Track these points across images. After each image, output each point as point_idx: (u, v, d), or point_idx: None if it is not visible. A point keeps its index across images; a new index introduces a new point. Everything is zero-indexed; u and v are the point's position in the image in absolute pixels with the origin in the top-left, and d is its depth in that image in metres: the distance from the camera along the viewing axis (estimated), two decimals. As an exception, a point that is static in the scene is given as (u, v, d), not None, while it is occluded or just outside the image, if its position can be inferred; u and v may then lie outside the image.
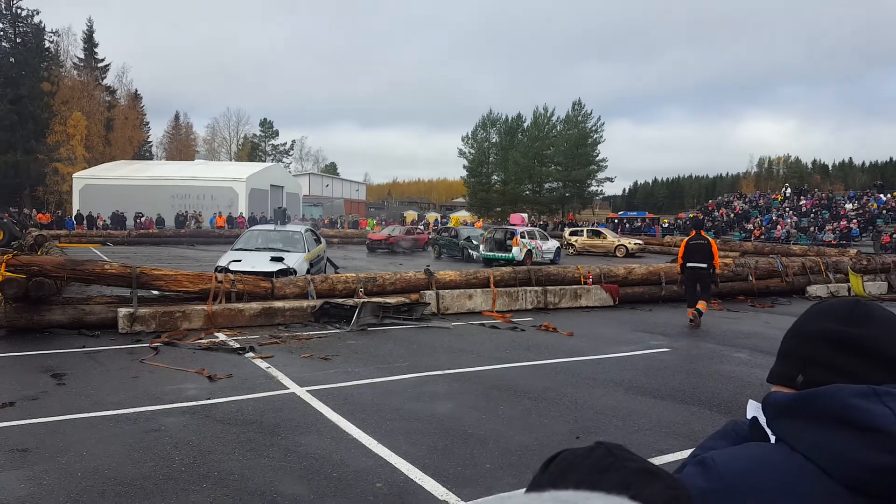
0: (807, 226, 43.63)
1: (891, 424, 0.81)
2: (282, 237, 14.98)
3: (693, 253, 11.51)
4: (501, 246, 24.35)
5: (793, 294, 16.42)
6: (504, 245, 24.29)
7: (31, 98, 58.66)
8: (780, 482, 0.87)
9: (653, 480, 0.68)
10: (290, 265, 12.85)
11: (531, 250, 23.57)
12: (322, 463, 4.71)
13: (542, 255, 24.10)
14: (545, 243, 25.12)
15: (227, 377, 7.10)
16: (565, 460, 0.77)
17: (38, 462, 4.63)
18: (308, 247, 14.66)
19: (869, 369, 0.94)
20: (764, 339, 10.18)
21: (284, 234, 15.34)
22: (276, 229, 15.88)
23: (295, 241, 14.67)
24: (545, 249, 24.72)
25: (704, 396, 6.77)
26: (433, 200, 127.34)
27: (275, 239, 14.81)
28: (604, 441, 0.77)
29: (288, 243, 14.48)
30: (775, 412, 0.98)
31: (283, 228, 16.15)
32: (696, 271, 11.44)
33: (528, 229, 25.76)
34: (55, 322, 9.49)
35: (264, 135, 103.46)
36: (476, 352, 8.80)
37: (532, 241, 24.12)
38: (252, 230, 16.46)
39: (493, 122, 78.03)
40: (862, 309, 1.02)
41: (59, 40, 65.46)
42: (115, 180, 53.37)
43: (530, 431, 5.51)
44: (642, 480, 0.68)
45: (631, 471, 0.70)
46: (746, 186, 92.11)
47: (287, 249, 13.97)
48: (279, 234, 15.22)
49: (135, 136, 72.92)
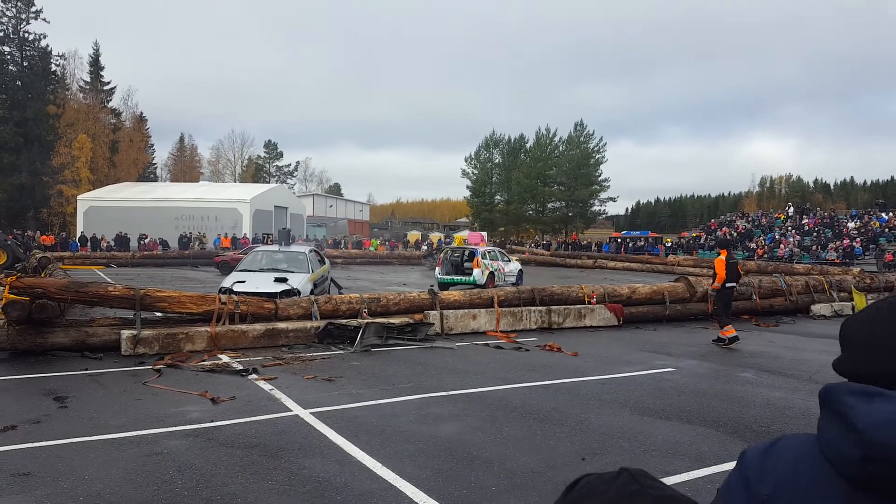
0: (809, 244, 43.57)
1: (863, 422, 0.86)
2: (286, 258, 15.05)
3: (733, 273, 11.49)
4: (459, 268, 21.91)
5: (797, 313, 16.36)
6: (462, 267, 21.83)
7: (37, 120, 59.10)
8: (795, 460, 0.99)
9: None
10: (294, 286, 12.90)
11: (493, 272, 20.82)
12: (326, 486, 4.66)
13: (504, 279, 21.31)
14: (507, 265, 22.55)
15: (230, 399, 7.06)
16: (588, 485, 0.75)
17: (39, 486, 4.59)
18: (312, 267, 14.77)
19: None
20: (768, 359, 10.11)
21: (289, 254, 15.39)
22: (280, 250, 15.95)
23: (299, 262, 14.79)
24: (507, 272, 22.03)
25: (711, 417, 6.71)
26: (437, 220, 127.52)
27: (279, 260, 14.95)
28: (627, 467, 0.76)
29: (292, 264, 14.61)
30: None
31: (287, 249, 16.14)
32: (733, 290, 11.49)
33: (489, 249, 22.95)
34: (58, 344, 9.47)
35: (269, 156, 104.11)
36: (480, 372, 8.75)
37: (494, 262, 21.46)
38: (256, 251, 16.57)
39: (495, 142, 78.49)
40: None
41: (65, 63, 66.15)
42: (120, 202, 53.65)
43: (536, 453, 5.46)
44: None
45: (654, 498, 0.69)
46: (749, 205, 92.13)
47: (291, 270, 14.08)
48: (283, 255, 15.29)
49: (140, 159, 73.38)
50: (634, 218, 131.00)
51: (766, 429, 6.30)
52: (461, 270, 21.61)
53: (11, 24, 60.60)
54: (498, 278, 20.89)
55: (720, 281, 11.51)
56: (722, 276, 11.45)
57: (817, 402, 1.00)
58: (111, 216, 50.55)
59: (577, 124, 72.68)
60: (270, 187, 68.41)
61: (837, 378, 1.03)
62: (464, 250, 22.70)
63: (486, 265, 20.65)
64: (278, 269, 14.17)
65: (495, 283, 19.99)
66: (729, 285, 11.49)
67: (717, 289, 11.61)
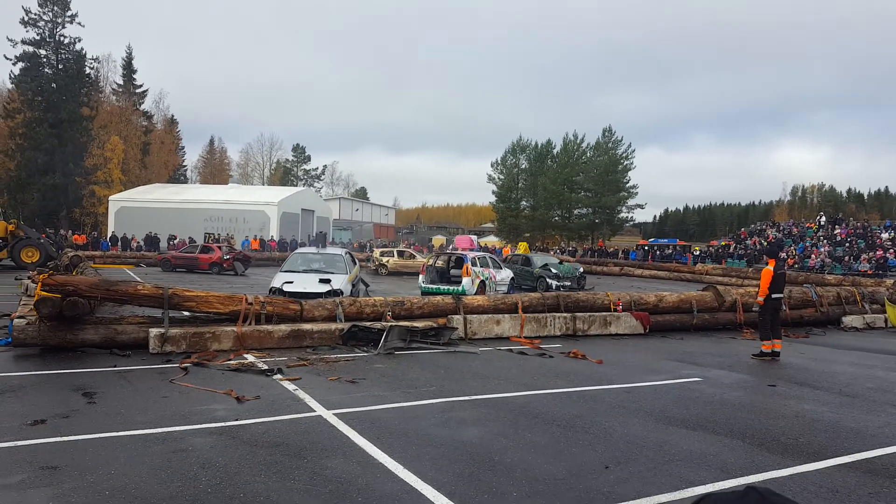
0: (841, 255, 42.73)
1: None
2: (325, 259, 15.93)
3: (779, 283, 11.13)
4: (445, 276, 20.07)
5: (827, 324, 16.05)
6: (448, 276, 20.08)
7: (71, 122, 60.34)
8: None
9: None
10: (337, 286, 13.60)
11: (484, 281, 18.86)
12: (348, 487, 4.67)
13: (495, 288, 19.46)
14: (499, 272, 20.45)
15: (254, 398, 7.11)
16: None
17: (67, 479, 4.66)
18: (349, 268, 15.47)
19: None
20: (798, 371, 9.92)
21: (327, 256, 16.26)
22: (318, 252, 16.80)
23: (338, 264, 15.54)
24: (499, 280, 20.13)
25: (737, 428, 6.60)
26: (462, 225, 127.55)
27: (319, 261, 15.76)
28: (756, 486, 0.74)
29: (331, 265, 15.48)
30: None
31: (326, 251, 17.13)
32: (778, 302, 11.15)
33: (480, 255, 20.76)
34: (88, 341, 9.63)
35: (296, 160, 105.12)
36: (504, 378, 8.71)
37: (485, 269, 19.41)
38: (296, 253, 17.52)
39: (522, 148, 78.32)
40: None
41: (99, 67, 67.59)
42: (150, 203, 54.54)
43: (559, 460, 5.41)
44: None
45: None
46: (780, 215, 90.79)
47: (331, 271, 14.85)
48: (322, 257, 16.16)
49: (170, 161, 74.63)
50: (662, 225, 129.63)
51: (794, 441, 6.18)
52: (448, 279, 19.87)
53: (48, 27, 62.00)
54: (489, 287, 19.07)
55: (762, 294, 11.05)
56: (764, 289, 11.05)
57: (847, 414, 0.97)
58: (142, 217, 51.43)
59: (605, 130, 72.18)
60: (298, 190, 69.01)
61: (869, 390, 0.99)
62: (451, 256, 20.85)
63: (477, 273, 18.70)
64: (320, 270, 14.98)
65: (486, 293, 18.04)
66: (775, 297, 11.06)
67: (762, 303, 11.10)
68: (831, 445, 6.09)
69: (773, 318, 11.06)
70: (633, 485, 4.88)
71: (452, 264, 20.41)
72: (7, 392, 7.16)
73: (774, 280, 11.04)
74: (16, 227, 29.54)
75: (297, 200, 60.92)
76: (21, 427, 5.86)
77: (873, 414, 7.35)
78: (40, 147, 58.39)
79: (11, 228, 29.28)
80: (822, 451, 5.87)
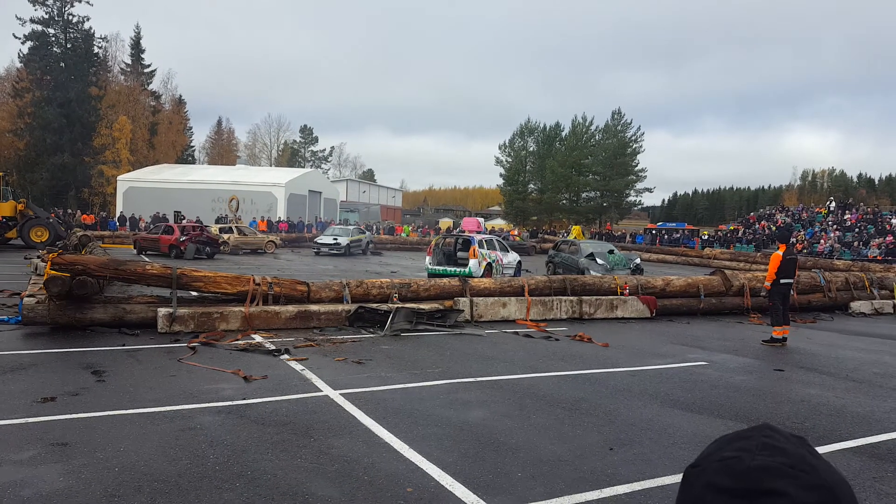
0: (851, 241, 42.50)
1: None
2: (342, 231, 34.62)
3: (788, 269, 10.99)
4: (452, 258, 20.03)
5: (835, 310, 16.01)
6: (455, 257, 20.01)
7: (80, 102, 60.40)
8: None
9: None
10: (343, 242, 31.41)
11: (491, 263, 18.89)
12: (353, 466, 4.71)
13: (502, 270, 19.47)
14: (506, 255, 20.41)
15: (262, 378, 7.17)
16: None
17: (76, 456, 4.72)
18: (355, 234, 34.33)
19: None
20: (805, 356, 9.91)
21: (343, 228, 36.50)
22: (339, 226, 37.83)
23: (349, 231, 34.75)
24: (506, 263, 20.07)
25: (743, 412, 6.61)
26: (469, 208, 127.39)
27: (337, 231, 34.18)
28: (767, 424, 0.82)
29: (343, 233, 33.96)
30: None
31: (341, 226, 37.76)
32: (788, 288, 11.05)
33: (487, 237, 20.51)
34: (97, 320, 9.71)
35: (304, 141, 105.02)
36: (509, 360, 8.74)
37: (492, 251, 19.36)
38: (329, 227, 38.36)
39: (530, 130, 77.85)
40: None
41: (107, 46, 67.42)
42: (158, 183, 54.58)
43: (563, 441, 5.44)
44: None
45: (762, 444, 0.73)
46: (789, 199, 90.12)
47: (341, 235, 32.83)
48: (339, 229, 35.66)
49: (178, 141, 74.62)
50: (671, 209, 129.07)
51: (800, 425, 6.19)
52: (455, 261, 19.87)
53: (56, 6, 61.89)
54: (496, 270, 19.11)
55: (769, 279, 11.00)
56: (771, 273, 10.97)
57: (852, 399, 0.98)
58: (149, 197, 51.51)
59: (614, 113, 71.77)
60: (305, 172, 68.94)
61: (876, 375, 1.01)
62: (457, 238, 20.63)
63: (484, 255, 18.69)
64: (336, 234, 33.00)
65: (493, 276, 18.09)
66: (784, 282, 10.94)
67: (768, 288, 11.05)
68: (836, 430, 6.10)
69: (783, 304, 11.01)
70: (637, 466, 4.91)
71: (459, 246, 20.27)
72: (18, 370, 7.24)
73: (783, 265, 10.93)
74: (25, 207, 29.71)
75: (304, 182, 60.87)
76: (32, 404, 5.94)
77: (879, 399, 7.34)
78: (49, 127, 58.51)
79: (21, 208, 29.46)
80: (827, 436, 5.88)
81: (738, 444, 0.79)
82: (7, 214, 28.87)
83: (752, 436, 0.80)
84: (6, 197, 29.58)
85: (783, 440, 0.78)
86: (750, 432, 0.82)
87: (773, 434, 0.80)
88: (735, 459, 0.75)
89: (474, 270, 17.89)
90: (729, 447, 0.79)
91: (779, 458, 0.74)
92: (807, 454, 0.76)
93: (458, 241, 20.57)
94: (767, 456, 0.75)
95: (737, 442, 0.80)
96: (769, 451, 0.75)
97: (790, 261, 11.04)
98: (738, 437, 0.81)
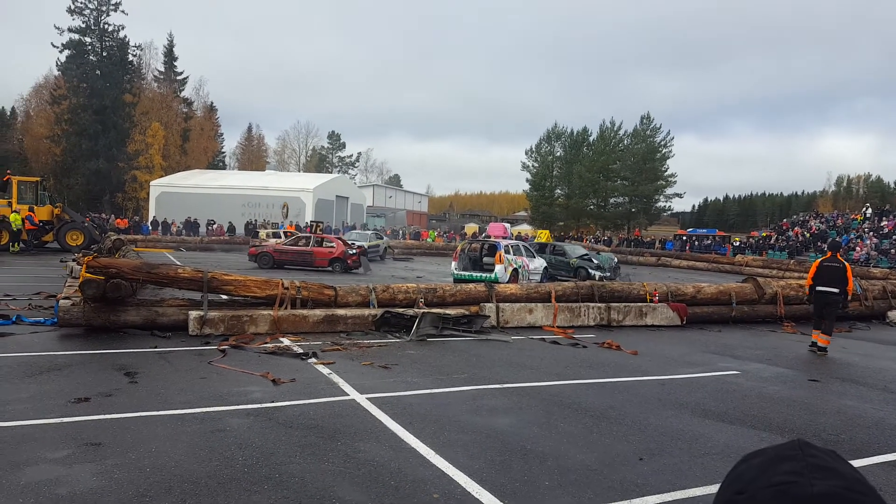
0: (888, 248, 41.52)
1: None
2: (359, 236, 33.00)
3: (825, 276, 10.84)
4: (477, 264, 19.98)
5: (872, 319, 15.66)
6: (481, 263, 20.00)
7: (114, 109, 61.70)
8: None
9: None
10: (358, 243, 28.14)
11: (517, 269, 18.85)
12: (380, 471, 4.71)
13: (528, 276, 19.39)
14: (532, 261, 20.31)
15: (290, 381, 7.22)
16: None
17: (109, 456, 4.79)
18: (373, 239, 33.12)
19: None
20: (840, 366, 9.70)
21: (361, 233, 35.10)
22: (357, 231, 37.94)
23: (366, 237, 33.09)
24: (532, 269, 19.94)
25: (776, 422, 6.48)
26: (495, 213, 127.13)
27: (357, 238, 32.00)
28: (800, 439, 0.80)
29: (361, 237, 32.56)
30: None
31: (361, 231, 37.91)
32: (826, 296, 10.79)
33: (513, 243, 20.64)
34: (129, 322, 9.86)
35: (332, 147, 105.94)
36: (536, 367, 8.69)
37: (518, 257, 19.36)
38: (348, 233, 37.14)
39: (557, 135, 77.39)
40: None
41: (141, 54, 68.96)
42: (190, 188, 55.45)
43: (591, 450, 5.38)
44: None
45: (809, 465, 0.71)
46: (823, 206, 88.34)
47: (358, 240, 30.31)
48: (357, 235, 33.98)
49: (209, 147, 75.78)
50: (701, 215, 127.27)
51: (836, 437, 6.05)
52: (481, 266, 19.81)
53: (93, 16, 63.39)
54: (522, 276, 19.02)
55: (807, 284, 11.43)
56: (807, 279, 11.35)
57: (891, 412, 0.95)
58: (181, 202, 52.34)
59: (643, 117, 70.87)
60: (333, 177, 69.55)
61: None
62: (483, 243, 20.77)
63: (510, 261, 18.68)
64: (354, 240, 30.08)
65: (518, 282, 18.02)
66: (819, 289, 10.85)
67: (806, 293, 11.70)
68: (874, 443, 5.94)
69: (816, 310, 10.86)
70: (667, 477, 4.83)
71: (485, 252, 20.25)
72: (53, 370, 7.38)
73: (819, 271, 10.86)
74: (61, 211, 30.41)
75: (331, 187, 61.39)
76: (66, 404, 6.04)
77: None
78: (85, 133, 59.85)
79: (57, 212, 30.14)
80: (863, 449, 5.74)
81: (786, 467, 0.76)
82: (44, 218, 29.54)
83: (796, 455, 0.77)
84: (43, 201, 30.25)
85: (830, 460, 0.76)
86: (789, 451, 0.79)
87: (816, 452, 0.78)
88: (792, 485, 0.73)
89: (500, 276, 17.85)
90: (775, 470, 0.76)
91: (835, 482, 0.72)
92: (858, 474, 0.74)
93: (483, 246, 20.60)
94: (822, 479, 0.72)
95: (782, 464, 0.77)
96: (822, 474, 0.73)
97: (827, 268, 10.85)
98: (780, 458, 0.78)
